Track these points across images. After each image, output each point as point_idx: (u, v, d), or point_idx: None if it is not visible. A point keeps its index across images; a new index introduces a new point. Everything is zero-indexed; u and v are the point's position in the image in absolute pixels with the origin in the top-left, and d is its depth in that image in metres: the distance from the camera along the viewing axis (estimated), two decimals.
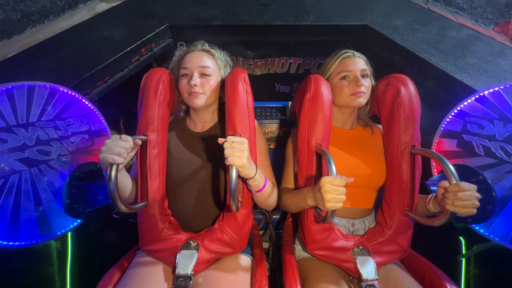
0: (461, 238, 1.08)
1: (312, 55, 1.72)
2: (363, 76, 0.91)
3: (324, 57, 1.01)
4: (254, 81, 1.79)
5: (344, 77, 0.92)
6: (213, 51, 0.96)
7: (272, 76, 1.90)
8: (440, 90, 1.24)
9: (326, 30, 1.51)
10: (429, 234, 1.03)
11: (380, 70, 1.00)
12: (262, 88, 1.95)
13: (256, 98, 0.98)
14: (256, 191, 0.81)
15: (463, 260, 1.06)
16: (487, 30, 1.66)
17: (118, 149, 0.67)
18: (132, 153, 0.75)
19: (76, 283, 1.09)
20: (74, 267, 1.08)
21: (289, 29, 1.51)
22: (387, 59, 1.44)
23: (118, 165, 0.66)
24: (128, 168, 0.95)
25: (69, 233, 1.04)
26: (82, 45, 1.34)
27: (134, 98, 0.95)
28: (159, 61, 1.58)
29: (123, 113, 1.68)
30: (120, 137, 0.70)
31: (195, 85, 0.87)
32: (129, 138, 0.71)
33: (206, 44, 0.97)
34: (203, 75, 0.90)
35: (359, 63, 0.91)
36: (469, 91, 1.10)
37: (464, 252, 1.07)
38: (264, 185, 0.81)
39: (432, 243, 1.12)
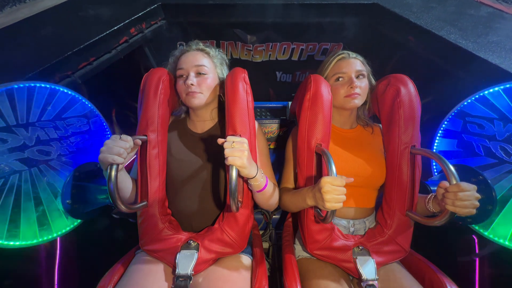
0: (474, 236, 1.04)
1: (316, 39, 1.60)
2: (358, 77, 0.91)
3: (329, 41, 0.96)
4: (254, 69, 1.75)
5: (338, 79, 0.92)
6: (208, 49, 0.96)
7: (273, 64, 1.79)
8: (460, 72, 1.14)
9: (332, 9, 1.40)
10: (429, 234, 1.03)
11: (393, 53, 0.93)
12: (262, 77, 1.85)
13: (256, 87, 0.93)
14: (258, 191, 0.81)
15: (477, 260, 1.03)
16: (509, 8, 1.48)
17: (118, 149, 0.67)
18: (132, 153, 0.75)
19: (65, 284, 1.06)
20: (64, 267, 1.05)
21: (292, 9, 1.41)
22: (400, 42, 1.33)
23: (118, 165, 0.66)
24: (128, 170, 0.94)
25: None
26: (65, 24, 1.24)
27: (126, 88, 0.93)
28: (151, 45, 1.49)
29: (116, 104, 1.59)
30: (120, 137, 0.70)
31: (191, 84, 0.87)
32: (129, 138, 0.71)
33: (201, 44, 0.97)
34: (199, 74, 0.90)
35: (354, 64, 0.91)
36: (496, 71, 1.02)
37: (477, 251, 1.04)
38: (266, 185, 0.81)
39: (432, 243, 1.12)
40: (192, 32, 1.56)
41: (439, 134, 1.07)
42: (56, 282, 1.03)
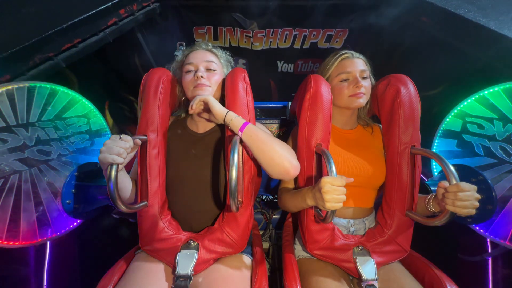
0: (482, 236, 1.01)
1: (320, 25, 1.51)
2: (363, 77, 0.91)
3: (334, 27, 0.92)
4: (254, 58, 1.67)
5: (343, 79, 0.92)
6: (215, 50, 0.99)
7: (274, 52, 1.68)
8: (481, 55, 1.05)
9: None
10: (429, 234, 1.03)
11: (404, 37, 0.86)
12: (263, 67, 1.75)
13: (257, 78, 0.90)
14: (240, 131, 0.78)
15: (489, 260, 1.02)
16: None
17: (118, 149, 0.67)
18: (132, 153, 0.75)
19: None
20: (53, 268, 1.03)
21: None
22: (413, 23, 1.23)
23: (118, 165, 0.66)
24: (128, 171, 0.94)
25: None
26: (49, 3, 1.13)
27: (120, 78, 0.89)
28: (143, 29, 1.40)
29: (109, 96, 1.51)
30: (120, 137, 0.70)
31: (201, 76, 0.88)
32: (128, 138, 0.71)
33: (210, 44, 0.99)
34: (208, 69, 0.92)
35: (358, 64, 0.91)
36: None
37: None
38: (245, 124, 0.78)
39: (432, 243, 1.12)
40: (187, 17, 1.48)
41: (439, 134, 1.07)
42: (45, 283, 1.01)
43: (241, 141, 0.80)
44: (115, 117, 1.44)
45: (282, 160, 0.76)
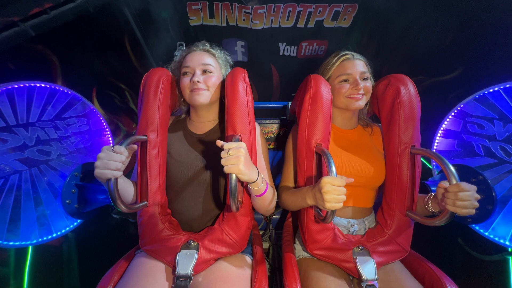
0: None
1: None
2: (363, 79, 0.91)
3: (341, 2, 0.86)
4: (254, 39, 1.51)
5: (343, 80, 0.92)
6: (213, 50, 0.97)
7: (275, 32, 1.51)
8: None
9: None
10: (429, 234, 1.03)
11: (421, 13, 0.74)
12: (264, 49, 1.57)
13: (257, 61, 0.79)
14: (257, 196, 0.79)
15: (510, 259, 1.01)
16: None
17: (115, 164, 0.66)
18: (128, 159, 0.75)
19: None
20: (34, 268, 1.01)
21: None
22: None
23: (117, 178, 0.67)
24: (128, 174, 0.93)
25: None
26: None
27: (108, 62, 0.79)
28: (133, 8, 1.26)
29: (96, 81, 1.38)
30: (113, 149, 0.68)
31: (197, 81, 0.87)
32: (122, 148, 0.69)
33: (207, 44, 0.98)
34: (205, 72, 0.91)
35: (358, 65, 0.91)
36: None
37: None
38: (265, 190, 0.80)
39: (432, 243, 1.12)
40: None
41: (439, 134, 1.07)
42: (26, 285, 0.99)
43: (241, 141, 0.80)
44: (104, 106, 1.34)
45: (267, 213, 0.92)
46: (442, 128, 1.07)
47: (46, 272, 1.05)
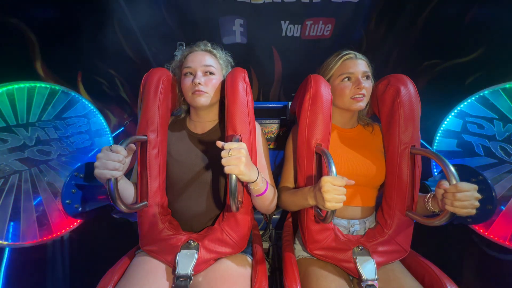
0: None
1: None
2: (364, 78, 0.91)
3: None
4: (254, 15, 1.38)
5: (345, 79, 0.92)
6: (215, 51, 0.97)
7: (277, 8, 1.36)
8: None
9: None
10: (429, 234, 1.03)
11: None
12: (264, 28, 1.42)
13: (256, 43, 0.71)
14: (257, 195, 0.80)
15: None
16: None
17: (114, 164, 0.66)
18: (128, 159, 0.75)
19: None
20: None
21: None
22: None
23: (116, 178, 0.67)
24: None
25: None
26: None
27: (94, 43, 0.69)
28: None
29: (80, 64, 1.26)
30: (111, 149, 0.68)
31: (199, 83, 0.87)
32: (120, 147, 0.69)
33: (209, 44, 0.98)
34: (206, 73, 0.91)
35: (360, 65, 0.91)
36: None
37: None
38: (266, 190, 0.80)
39: (432, 243, 1.12)
40: None
41: (439, 134, 1.07)
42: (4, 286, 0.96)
43: (241, 141, 0.80)
44: (92, 93, 1.24)
45: (267, 212, 0.92)
46: (442, 128, 1.07)
47: (26, 273, 1.02)
